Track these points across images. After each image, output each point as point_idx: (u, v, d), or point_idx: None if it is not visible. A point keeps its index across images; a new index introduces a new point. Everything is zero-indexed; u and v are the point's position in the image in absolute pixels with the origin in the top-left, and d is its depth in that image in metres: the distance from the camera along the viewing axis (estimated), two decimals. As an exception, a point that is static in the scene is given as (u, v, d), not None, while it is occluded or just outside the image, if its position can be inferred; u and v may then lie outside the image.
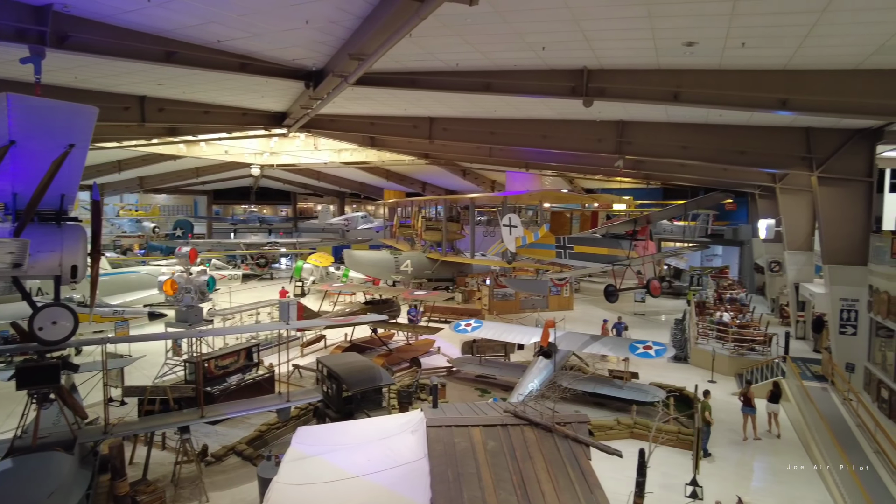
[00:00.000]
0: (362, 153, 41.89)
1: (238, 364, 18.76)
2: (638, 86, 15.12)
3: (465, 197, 38.80)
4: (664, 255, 27.88)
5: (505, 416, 10.43)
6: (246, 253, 47.95)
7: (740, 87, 14.35)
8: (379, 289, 29.19)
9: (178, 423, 13.81)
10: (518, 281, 32.18)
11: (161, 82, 18.29)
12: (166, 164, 45.32)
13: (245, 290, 40.04)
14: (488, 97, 19.02)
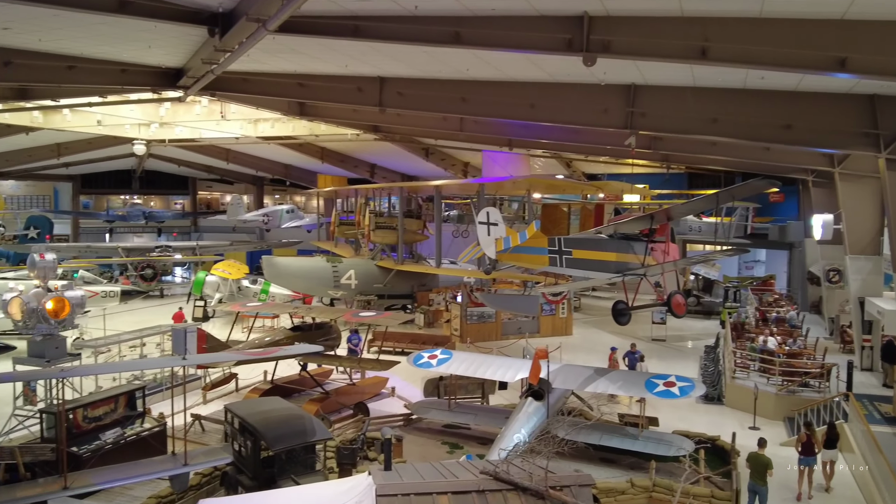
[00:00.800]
0: (288, 125, 41.69)
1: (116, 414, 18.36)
2: (655, 38, 15.44)
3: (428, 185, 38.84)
4: (690, 262, 28.41)
5: (482, 480, 10.45)
6: (127, 261, 47.02)
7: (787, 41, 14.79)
8: (311, 309, 28.96)
9: (31, 499, 13.41)
10: (499, 297, 32.36)
11: (6, 25, 17.81)
12: (14, 140, 44.13)
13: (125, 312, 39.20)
14: (458, 51, 19.13)
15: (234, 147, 52.70)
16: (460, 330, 34.22)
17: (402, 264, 35.94)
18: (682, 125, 23.58)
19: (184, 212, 70.54)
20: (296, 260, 40.06)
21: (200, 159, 58.27)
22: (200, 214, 71.16)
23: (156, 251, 49.87)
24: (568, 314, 37.43)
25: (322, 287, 36.93)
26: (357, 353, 27.46)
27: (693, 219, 44.26)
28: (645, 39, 15.52)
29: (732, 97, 21.50)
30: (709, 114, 22.32)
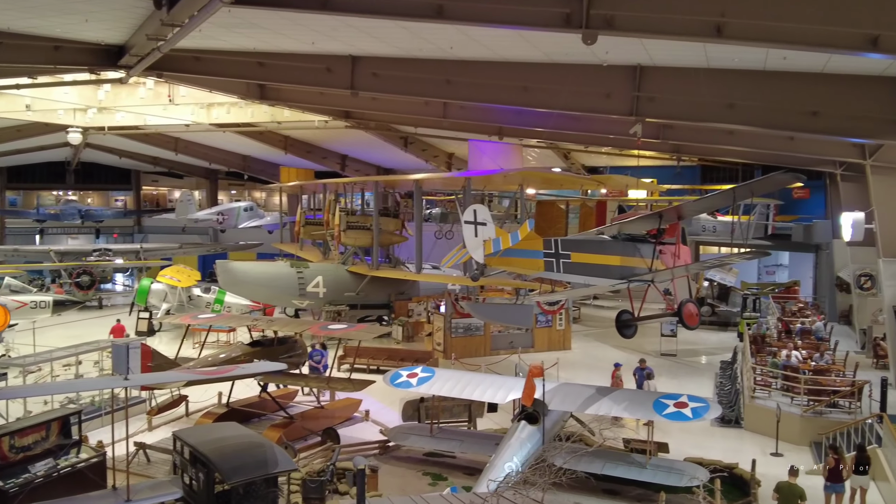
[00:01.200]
0: (246, 110, 41.58)
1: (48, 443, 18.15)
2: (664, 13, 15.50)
3: (406, 178, 38.88)
4: (704, 267, 28.62)
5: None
6: (60, 267, 46.61)
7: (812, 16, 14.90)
8: (273, 322, 28.84)
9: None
10: (488, 307, 32.39)
11: (-82, -5, 17.63)
12: (-73, 127, 43.72)
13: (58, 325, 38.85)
14: (441, 27, 19.14)
15: (184, 135, 52.36)
16: (444, 344, 34.23)
17: (378, 270, 35.93)
18: (694, 111, 23.73)
19: (126, 210, 70.05)
20: (255, 265, 39.94)
21: (145, 150, 57.80)
22: (145, 213, 70.72)
23: (93, 255, 49.50)
24: (566, 326, 37.58)
25: (285, 296, 36.83)
26: (321, 371, 27.43)
27: (707, 217, 44.58)
28: (653, 14, 15.56)
29: (751, 80, 21.65)
30: (724, 99, 22.48)
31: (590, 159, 53.07)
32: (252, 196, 76.40)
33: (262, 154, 58.65)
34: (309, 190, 47.75)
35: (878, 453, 20.56)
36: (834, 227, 39.57)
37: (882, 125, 21.00)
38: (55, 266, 46.84)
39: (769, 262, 54.64)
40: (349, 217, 37.15)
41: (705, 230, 45.43)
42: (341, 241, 37.01)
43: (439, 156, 53.91)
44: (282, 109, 39.69)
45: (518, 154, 36.46)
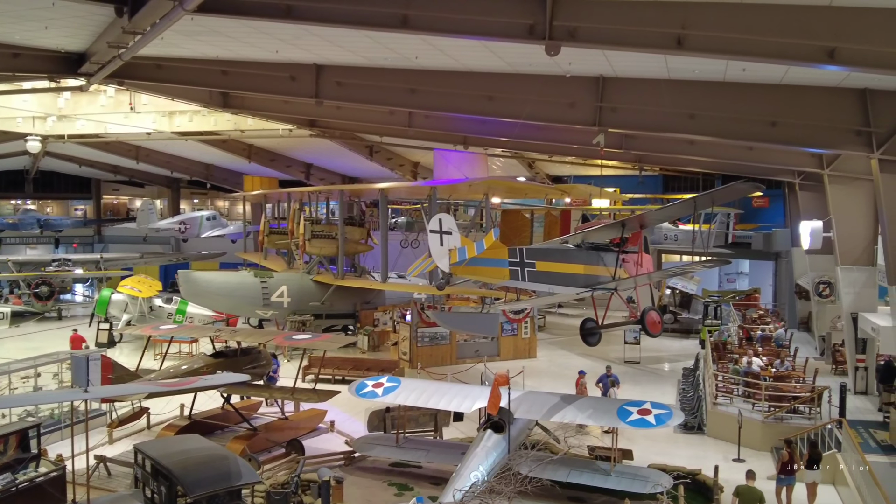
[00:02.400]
0: (209, 118, 41.30)
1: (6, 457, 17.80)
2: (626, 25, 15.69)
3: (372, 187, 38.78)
4: (666, 275, 28.96)
5: (435, 526, 10.43)
6: (18, 277, 45.77)
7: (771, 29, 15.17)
8: (236, 332, 28.60)
9: None
10: (454, 316, 32.44)
11: None
12: None
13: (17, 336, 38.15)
14: (406, 37, 19.18)
15: (146, 144, 51.85)
16: (410, 354, 34.17)
17: (343, 279, 35.81)
18: (656, 122, 24.00)
19: (86, 219, 69.05)
20: (218, 275, 39.56)
21: (106, 158, 57.19)
22: (105, 222, 69.76)
23: (53, 265, 48.66)
24: (531, 334, 37.71)
25: (249, 306, 36.55)
26: (275, 381, 27.34)
27: (669, 226, 45.16)
28: (615, 26, 15.75)
29: (711, 91, 21.98)
30: (685, 109, 22.77)
31: (554, 168, 53.42)
32: (215, 205, 75.74)
33: (226, 162, 58.19)
34: (273, 199, 47.41)
35: (837, 458, 20.91)
36: (793, 235, 40.15)
37: (839, 135, 21.36)
38: (13, 276, 45.99)
39: (730, 270, 55.32)
40: (314, 226, 37.01)
41: (667, 239, 45.99)
42: (306, 250, 36.83)
43: (405, 165, 53.92)
44: (245, 118, 39.46)
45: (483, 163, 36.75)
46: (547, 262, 19.35)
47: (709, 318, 41.32)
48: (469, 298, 38.59)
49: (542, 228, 45.05)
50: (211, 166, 61.20)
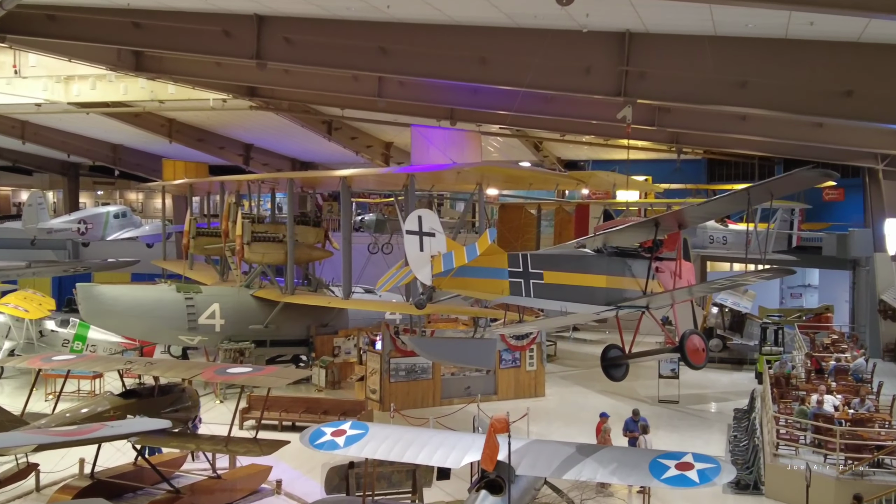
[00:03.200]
0: (117, 85, 41.13)
1: None
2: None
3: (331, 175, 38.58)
4: (712, 289, 29.03)
5: None
6: None
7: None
8: (153, 365, 28.44)
9: None
10: (438, 343, 32.39)
11: None
12: None
13: None
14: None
15: (35, 118, 51.60)
16: (380, 392, 34.12)
17: (293, 295, 35.70)
18: (697, 91, 24.17)
19: (-45, 217, 68.49)
20: (129, 289, 39.34)
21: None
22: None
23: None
24: (538, 366, 37.68)
25: (170, 330, 36.36)
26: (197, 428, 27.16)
27: (715, 226, 45.25)
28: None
29: (769, 51, 22.16)
30: (736, 75, 22.94)
31: (567, 151, 53.59)
32: (125, 199, 75.31)
33: (139, 143, 57.92)
34: (202, 190, 47.27)
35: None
36: (875, 237, 40.39)
37: (931, 109, 21.61)
38: None
39: (794, 283, 55.55)
40: (255, 226, 36.87)
41: (713, 242, 46.02)
42: (244, 257, 36.67)
43: (373, 146, 53.94)
44: (165, 84, 39.31)
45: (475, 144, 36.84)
46: (558, 273, 19.42)
47: (767, 345, 41.38)
48: (457, 320, 38.56)
49: (551, 228, 45.24)
50: (120, 148, 60.86)
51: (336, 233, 40.44)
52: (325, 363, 37.93)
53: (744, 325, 45.57)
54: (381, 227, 48.46)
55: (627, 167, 33.06)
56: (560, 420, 32.79)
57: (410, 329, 33.06)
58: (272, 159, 60.17)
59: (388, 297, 35.85)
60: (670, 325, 24.47)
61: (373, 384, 34.80)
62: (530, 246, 40.05)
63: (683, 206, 25.49)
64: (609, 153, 50.40)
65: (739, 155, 48.75)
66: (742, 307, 45.01)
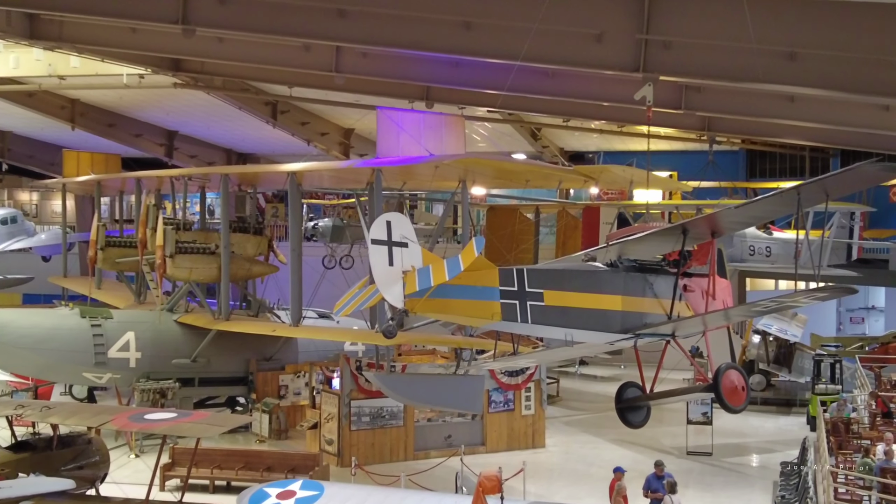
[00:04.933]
0: (6, 56, 41.03)
1: None
2: None
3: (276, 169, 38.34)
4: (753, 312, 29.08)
5: None
6: None
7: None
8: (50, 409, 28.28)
9: None
10: (411, 380, 32.34)
11: None
12: None
13: None
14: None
15: None
16: (338, 443, 34.07)
17: (228, 321, 35.59)
18: (734, 65, 24.30)
19: None
20: (20, 314, 39.15)
21: None
22: None
23: None
24: (536, 409, 37.69)
25: (72, 366, 36.14)
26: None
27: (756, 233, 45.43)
28: None
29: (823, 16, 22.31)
30: (782, 45, 23.07)
31: (571, 140, 53.86)
32: (15, 200, 75.03)
33: (34, 130, 57.89)
34: (112, 189, 47.13)
35: None
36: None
37: None
38: None
39: (855, 304, 55.76)
40: (180, 234, 36.76)
41: (755, 253, 46.16)
42: (167, 272, 36.58)
43: (329, 133, 54.02)
44: (67, 56, 39.21)
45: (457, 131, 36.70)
46: (563, 292, 19.44)
47: (822, 382, 41.53)
48: (435, 351, 38.56)
49: (553, 237, 45.29)
50: (8, 135, 60.89)
51: (283, 242, 40.36)
52: (269, 406, 37.84)
53: (792, 357, 45.65)
54: (338, 236, 48.48)
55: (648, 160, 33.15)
56: (564, 477, 32.88)
57: (376, 363, 33.06)
58: (202, 150, 60.16)
59: (348, 323, 35.79)
60: (701, 358, 24.52)
61: (329, 433, 34.73)
62: (527, 258, 40.13)
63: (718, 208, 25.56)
64: (624, 143, 50.63)
65: (786, 145, 49.01)
66: (790, 335, 45.10)
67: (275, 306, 38.95)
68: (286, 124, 50.63)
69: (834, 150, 47.32)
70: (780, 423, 41.77)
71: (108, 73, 41.14)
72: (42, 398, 38.04)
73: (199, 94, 45.09)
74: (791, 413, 42.96)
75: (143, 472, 28.31)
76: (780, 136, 42.46)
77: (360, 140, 54.57)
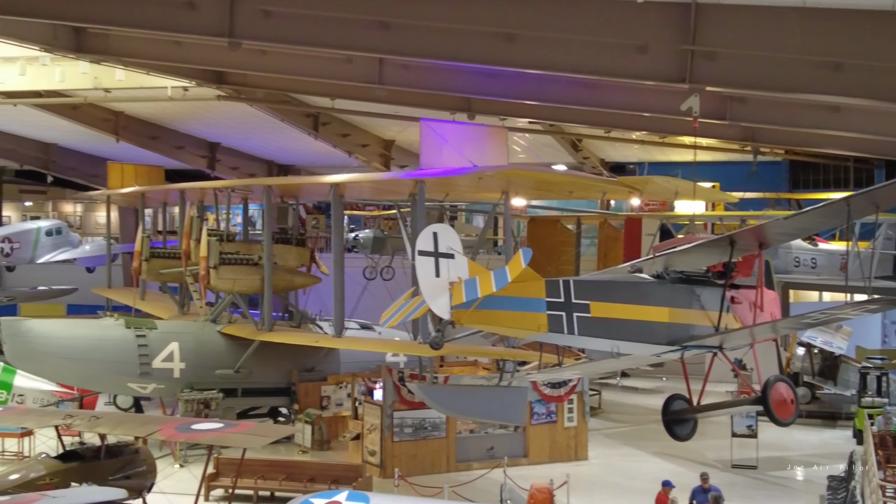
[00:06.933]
0: (52, 70, 41.21)
1: None
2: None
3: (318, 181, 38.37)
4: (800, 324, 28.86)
5: None
6: None
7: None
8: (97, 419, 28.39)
9: None
10: (453, 392, 32.22)
11: None
12: None
13: None
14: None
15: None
16: (381, 454, 34.01)
17: (271, 332, 35.64)
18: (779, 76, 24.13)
19: None
20: (65, 325, 39.32)
21: None
22: None
23: None
24: (579, 421, 37.51)
25: (117, 376, 36.28)
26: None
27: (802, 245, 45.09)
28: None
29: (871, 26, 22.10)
30: (828, 55, 22.90)
31: (612, 151, 53.64)
32: (60, 211, 75.54)
33: (79, 142, 58.21)
34: (156, 200, 47.35)
35: None
36: None
37: None
38: None
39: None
40: (223, 245, 36.90)
41: (799, 265, 45.84)
42: (210, 284, 36.70)
43: (370, 145, 54.03)
44: (112, 68, 39.42)
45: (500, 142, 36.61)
46: (609, 304, 19.35)
47: (868, 395, 41.17)
48: (476, 363, 38.46)
49: (594, 248, 45.12)
50: (53, 148, 61.19)
51: (324, 254, 40.40)
52: (311, 417, 37.81)
53: (838, 369, 45.23)
54: (379, 247, 48.48)
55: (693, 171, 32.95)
56: (606, 490, 32.68)
57: (419, 375, 32.99)
58: (243, 162, 60.36)
59: (390, 334, 35.77)
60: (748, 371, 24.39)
61: (371, 444, 34.68)
62: (568, 269, 39.94)
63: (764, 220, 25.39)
64: (665, 153, 50.40)
65: (829, 156, 48.63)
66: (836, 347, 44.66)
67: (317, 317, 38.95)
68: (327, 136, 50.70)
69: (878, 161, 46.90)
70: (825, 436, 41.42)
71: (152, 86, 41.33)
72: (87, 408, 38.25)
73: (241, 107, 45.28)
74: (836, 426, 42.60)
75: (187, 482, 28.46)
76: (824, 146, 42.14)
77: (401, 151, 54.61)
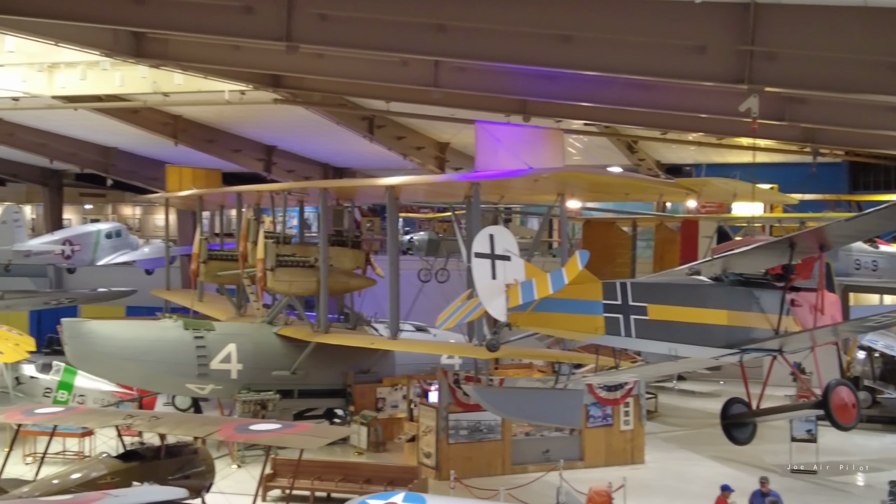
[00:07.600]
0: (112, 75, 41.51)
1: None
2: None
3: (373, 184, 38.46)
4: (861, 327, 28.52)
5: None
6: None
7: None
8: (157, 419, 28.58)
9: None
10: (509, 394, 32.08)
11: None
12: None
13: None
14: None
15: (11, 115, 52.45)
16: (436, 456, 33.99)
17: (327, 333, 35.70)
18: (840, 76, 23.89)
19: None
20: (125, 326, 39.66)
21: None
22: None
23: None
24: (635, 425, 37.32)
25: (176, 377, 36.50)
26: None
27: (863, 247, 44.61)
28: None
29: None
30: (890, 54, 22.63)
31: (668, 153, 53.31)
32: (119, 214, 76.15)
33: (138, 146, 58.61)
34: (213, 203, 47.65)
35: None
36: None
37: None
38: None
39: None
40: (280, 247, 37.04)
41: (860, 268, 45.35)
42: (267, 286, 36.85)
43: (426, 147, 54.03)
44: (171, 73, 39.67)
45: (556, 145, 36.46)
46: (667, 307, 19.22)
47: (931, 399, 40.77)
48: (531, 365, 38.34)
49: (650, 250, 44.86)
50: (113, 151, 61.64)
51: (380, 256, 40.44)
52: (367, 419, 37.87)
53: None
54: (434, 249, 48.47)
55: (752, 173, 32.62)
56: (663, 495, 32.48)
57: (474, 377, 32.93)
58: (299, 165, 60.53)
59: (445, 336, 35.73)
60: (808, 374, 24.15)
61: (427, 446, 34.67)
62: (623, 272, 39.74)
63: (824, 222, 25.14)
64: (722, 155, 50.00)
65: (890, 157, 47.98)
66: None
67: (372, 319, 39.01)
68: (382, 139, 50.70)
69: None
70: (886, 441, 40.90)
71: (210, 90, 41.52)
72: (146, 408, 38.53)
73: (297, 110, 45.39)
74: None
75: (244, 483, 28.55)
76: (885, 147, 41.57)
77: (456, 154, 54.53)
